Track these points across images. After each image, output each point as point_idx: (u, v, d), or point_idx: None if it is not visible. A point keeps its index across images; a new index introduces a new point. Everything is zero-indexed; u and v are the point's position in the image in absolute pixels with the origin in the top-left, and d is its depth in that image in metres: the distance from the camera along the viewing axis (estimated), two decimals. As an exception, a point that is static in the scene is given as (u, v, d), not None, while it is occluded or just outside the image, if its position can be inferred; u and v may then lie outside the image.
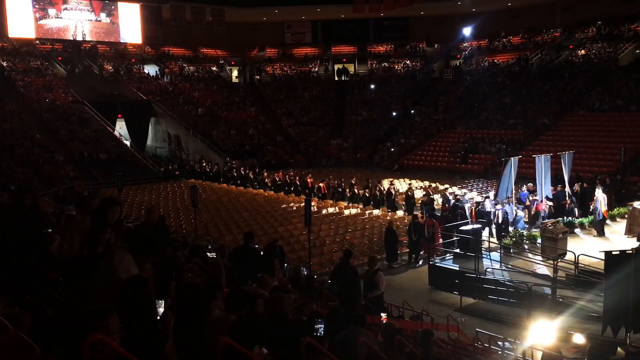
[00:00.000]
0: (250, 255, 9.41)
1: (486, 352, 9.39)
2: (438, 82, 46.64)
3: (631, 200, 18.90)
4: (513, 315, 11.95)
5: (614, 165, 26.53)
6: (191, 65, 50.51)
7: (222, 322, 4.36)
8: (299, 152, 41.07)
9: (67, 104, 38.09)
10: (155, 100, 41.96)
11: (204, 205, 22.81)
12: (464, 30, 49.51)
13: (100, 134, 35.95)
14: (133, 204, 24.18)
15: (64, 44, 46.19)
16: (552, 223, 15.76)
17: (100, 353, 2.86)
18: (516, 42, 47.07)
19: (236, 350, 3.49)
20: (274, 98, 47.60)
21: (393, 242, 16.42)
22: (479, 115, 39.06)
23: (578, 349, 8.71)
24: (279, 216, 21.31)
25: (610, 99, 33.73)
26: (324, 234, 18.40)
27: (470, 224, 16.02)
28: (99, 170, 31.61)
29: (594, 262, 12.12)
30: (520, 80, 40.68)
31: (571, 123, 33.68)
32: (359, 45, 54.08)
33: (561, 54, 42.13)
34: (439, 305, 13.03)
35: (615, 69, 36.63)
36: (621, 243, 16.12)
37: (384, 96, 46.37)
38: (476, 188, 27.47)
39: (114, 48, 48.94)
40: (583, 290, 11.82)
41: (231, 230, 18.92)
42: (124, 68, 46.59)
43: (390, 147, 40.08)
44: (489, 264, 14.17)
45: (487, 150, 34.31)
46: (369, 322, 8.32)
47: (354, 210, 22.33)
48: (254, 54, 54.53)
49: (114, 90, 41.16)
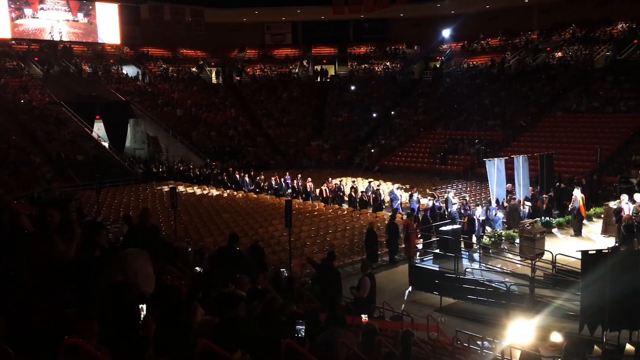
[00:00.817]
0: (233, 257, 9.36)
1: (466, 351, 9.44)
2: (418, 83, 46.92)
3: (607, 200, 19.21)
4: (492, 314, 12.05)
5: (591, 166, 26.91)
6: (170, 65, 50.14)
7: (207, 326, 4.32)
8: (279, 153, 41.00)
9: (43, 104, 37.57)
10: (134, 101, 41.59)
11: (184, 207, 22.64)
12: (443, 32, 49.92)
13: (78, 135, 35.51)
14: (112, 206, 23.94)
15: (41, 44, 45.56)
16: (530, 223, 15.94)
17: (77, 357, 2.82)
18: (494, 44, 47.57)
19: (216, 354, 3.46)
20: (254, 99, 47.47)
21: (373, 242, 16.45)
22: (458, 117, 39.37)
23: (556, 347, 8.82)
24: (259, 217, 21.23)
25: (586, 101, 34.22)
26: (305, 235, 18.37)
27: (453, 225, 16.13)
28: (77, 171, 31.21)
29: (571, 261, 12.27)
30: (498, 82, 41.10)
31: (549, 124, 34.10)
32: (339, 47, 54.17)
33: (538, 56, 42.66)
34: (419, 306, 13.08)
35: (592, 71, 37.18)
36: (598, 242, 16.37)
37: (364, 97, 46.52)
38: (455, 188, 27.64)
39: (91, 48, 48.39)
40: (560, 290, 11.96)
41: (211, 231, 18.80)
42: (102, 69, 46.08)
43: (371, 148, 40.21)
44: (469, 264, 14.27)
45: (466, 151, 34.59)
46: (349, 323, 8.33)
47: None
48: (234, 55, 54.35)
49: (92, 91, 40.69)
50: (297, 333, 4.77)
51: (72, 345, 2.79)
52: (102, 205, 23.65)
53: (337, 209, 23.21)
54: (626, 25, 40.38)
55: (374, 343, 6.02)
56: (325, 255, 11.52)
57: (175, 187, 20.51)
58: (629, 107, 31.83)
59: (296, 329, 4.82)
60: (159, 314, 4.08)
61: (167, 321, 4.03)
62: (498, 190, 19.69)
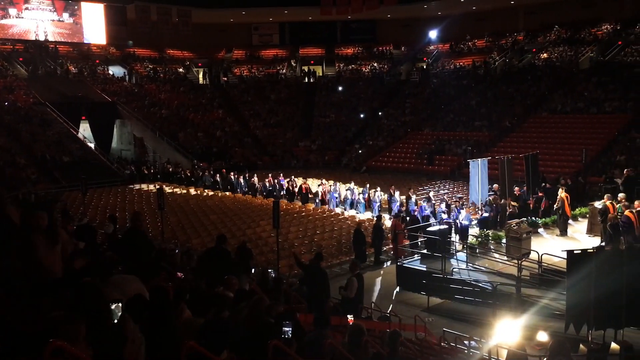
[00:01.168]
0: (222, 257, 9.34)
1: (453, 351, 9.49)
2: (405, 84, 47.06)
3: (592, 200, 19.38)
4: (479, 314, 12.12)
5: (576, 166, 27.14)
6: (157, 66, 49.87)
7: (190, 326, 4.31)
8: (267, 154, 40.93)
9: (28, 105, 37.19)
10: (120, 101, 41.32)
11: (171, 208, 22.51)
12: (430, 33, 50.16)
13: (63, 136, 35.20)
14: (98, 207, 23.75)
15: (26, 44, 45.12)
16: (516, 223, 16.05)
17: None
18: (481, 46, 47.87)
19: (202, 355, 3.45)
20: (241, 100, 47.35)
21: (361, 243, 16.49)
22: (445, 117, 39.55)
23: (542, 346, 8.88)
24: (247, 218, 21.18)
25: (571, 102, 34.52)
26: (293, 236, 18.36)
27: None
28: (62, 173, 30.94)
29: (556, 261, 12.35)
30: (485, 83, 41.34)
31: (534, 125, 34.35)
32: (326, 47, 54.23)
33: (524, 57, 42.97)
34: (406, 306, 13.14)
35: (577, 72, 37.52)
36: (583, 242, 16.51)
37: (352, 98, 46.58)
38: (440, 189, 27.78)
39: (77, 49, 48.01)
40: (546, 289, 12.05)
41: (198, 232, 18.73)
42: (88, 69, 45.73)
43: (358, 148, 40.28)
44: (456, 264, 14.33)
45: (453, 151, 34.75)
46: (337, 324, 8.34)
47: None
48: (221, 55, 54.18)
49: (78, 92, 40.34)
50: (284, 334, 4.77)
51: (57, 348, 2.76)
52: (88, 206, 23.46)
53: (329, 210, 23.22)
54: (611, 26, 40.85)
55: (361, 343, 6.03)
56: (313, 256, 11.52)
57: (162, 188, 20.37)
58: (613, 107, 32.16)
59: (283, 330, 4.82)
60: (147, 315, 4.06)
61: (155, 322, 4.02)
62: (482, 190, 19.78)
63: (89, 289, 3.62)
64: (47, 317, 3.27)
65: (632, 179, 20.48)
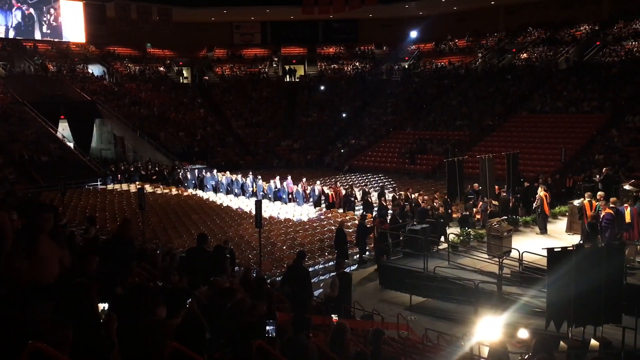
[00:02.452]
0: (203, 257, 9.27)
1: (435, 349, 9.53)
2: (387, 84, 47.20)
3: (571, 199, 19.63)
4: (461, 312, 12.19)
5: (555, 165, 27.46)
6: (138, 65, 49.41)
7: (160, 326, 4.25)
8: (249, 154, 40.79)
9: (6, 104, 36.62)
10: (100, 100, 40.86)
11: (152, 208, 22.34)
12: (412, 33, 50.40)
13: (42, 136, 34.70)
14: (77, 207, 23.47)
15: (3, 42, 44.42)
16: (497, 222, 16.19)
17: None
18: (462, 45, 48.20)
19: (185, 356, 3.42)
20: (223, 99, 47.12)
21: (343, 242, 16.47)
22: (426, 117, 39.76)
23: (523, 343, 8.95)
24: (228, 218, 21.09)
25: (551, 101, 34.93)
26: (275, 234, 18.31)
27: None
28: (41, 172, 30.50)
29: (537, 259, 12.48)
30: (466, 83, 41.63)
31: (514, 124, 34.69)
32: (308, 47, 54.18)
33: (504, 57, 43.37)
34: (389, 304, 13.17)
35: (556, 72, 37.96)
36: (563, 240, 16.71)
37: (334, 97, 46.62)
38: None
39: (56, 47, 47.38)
40: (527, 287, 12.16)
41: (180, 233, 18.60)
42: (67, 68, 45.15)
43: (341, 148, 40.32)
44: (437, 263, 14.39)
45: (435, 150, 34.95)
46: (320, 323, 8.33)
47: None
48: (203, 54, 53.88)
49: (57, 91, 39.80)
50: (268, 333, 4.75)
51: (36, 349, 2.71)
52: (68, 207, 23.18)
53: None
54: (589, 27, 41.38)
55: (344, 342, 6.03)
56: (295, 255, 11.52)
57: (142, 188, 20.19)
58: (592, 107, 32.61)
59: (266, 329, 4.80)
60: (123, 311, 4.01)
61: (132, 319, 3.97)
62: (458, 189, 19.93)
63: (79, 288, 3.55)
64: (33, 321, 3.20)
65: (610, 177, 20.78)
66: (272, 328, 4.77)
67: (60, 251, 4.65)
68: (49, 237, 4.56)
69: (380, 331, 6.53)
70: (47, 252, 4.43)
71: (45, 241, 4.47)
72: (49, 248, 4.47)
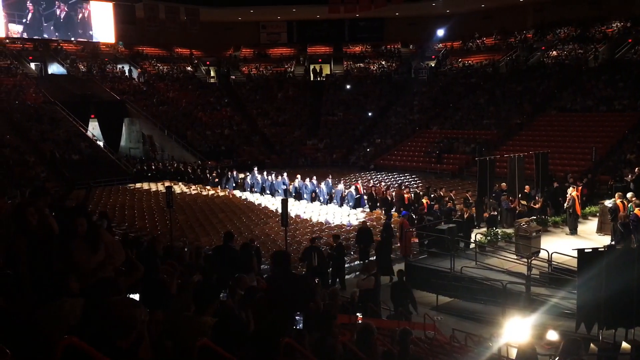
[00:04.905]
0: (229, 255, 9.34)
1: (463, 350, 9.45)
2: (413, 82, 46.89)
3: (602, 199, 19.28)
4: (488, 313, 12.07)
5: (586, 165, 26.99)
6: (166, 65, 50.00)
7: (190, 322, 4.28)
8: (275, 153, 40.96)
9: (38, 104, 37.40)
10: (129, 100, 41.45)
11: (179, 207, 22.59)
12: (438, 31, 50.01)
13: (72, 135, 35.37)
14: (107, 205, 23.84)
15: (35, 43, 45.35)
16: (526, 222, 15.98)
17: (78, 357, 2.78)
18: (489, 44, 47.64)
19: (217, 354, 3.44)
20: (249, 98, 47.38)
21: (366, 242, 16.37)
22: (453, 116, 39.41)
23: (552, 345, 8.83)
24: (255, 217, 21.21)
25: (581, 100, 34.31)
26: (300, 233, 18.36)
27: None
28: (71, 171, 31.10)
29: (567, 259, 12.30)
30: (493, 81, 41.15)
31: (543, 123, 34.16)
32: (334, 46, 54.14)
33: (533, 55, 42.74)
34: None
35: (586, 70, 37.28)
36: (593, 241, 16.43)
37: (360, 96, 46.51)
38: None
39: (86, 47, 48.20)
40: (556, 288, 11.99)
41: (207, 231, 18.77)
42: (97, 68, 45.90)
43: (366, 147, 40.22)
44: (464, 263, 14.27)
45: (461, 150, 34.63)
46: (346, 322, 8.32)
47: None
48: (229, 53, 54.25)
49: (87, 90, 40.50)
50: (296, 326, 4.76)
51: (70, 345, 2.75)
52: (97, 205, 23.56)
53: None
54: (621, 24, 40.53)
55: (371, 342, 6.01)
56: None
57: (171, 187, 20.43)
58: (623, 106, 31.94)
59: (295, 321, 4.81)
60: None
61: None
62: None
63: (110, 285, 3.59)
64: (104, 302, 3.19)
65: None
66: (300, 320, 4.79)
67: (96, 255, 4.61)
68: (84, 241, 4.54)
69: (407, 331, 6.50)
70: (81, 257, 4.45)
71: (79, 246, 4.48)
72: (83, 252, 4.49)
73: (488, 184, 19.34)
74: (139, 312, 2.99)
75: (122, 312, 2.95)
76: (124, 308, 2.99)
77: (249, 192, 27.18)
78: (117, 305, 3.02)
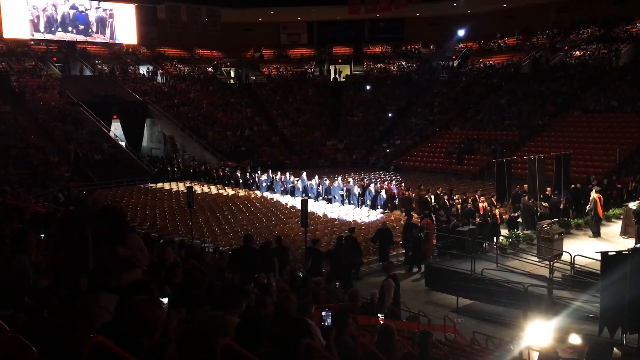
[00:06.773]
0: (250, 255, 9.43)
1: (483, 352, 9.39)
2: (433, 83, 46.66)
3: (626, 201, 18.99)
4: (509, 315, 11.96)
5: (609, 166, 26.62)
6: (187, 66, 50.40)
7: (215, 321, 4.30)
8: (295, 153, 41.06)
9: (62, 104, 37.95)
10: (151, 101, 41.88)
11: (200, 207, 22.76)
12: (459, 31, 49.70)
13: (95, 135, 35.84)
14: (129, 205, 24.11)
15: (59, 44, 46.04)
16: (548, 224, 15.81)
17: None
18: (511, 44, 47.20)
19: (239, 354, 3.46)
20: (269, 99, 47.55)
21: (386, 242, 16.32)
22: (474, 116, 39.13)
23: (574, 349, 8.73)
24: (274, 217, 21.28)
25: (605, 100, 33.84)
26: (320, 234, 18.36)
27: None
28: (94, 171, 31.53)
29: (590, 262, 12.15)
30: (515, 82, 40.76)
31: (566, 124, 33.76)
32: (354, 46, 54.12)
33: (556, 55, 42.26)
34: (435, 306, 13.04)
35: (610, 70, 36.75)
36: (616, 244, 16.19)
37: (380, 97, 46.40)
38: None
39: (109, 49, 48.81)
40: (579, 291, 11.84)
41: (227, 231, 18.88)
42: (119, 69, 46.43)
43: (386, 148, 40.11)
44: (485, 265, 14.17)
45: (482, 151, 34.37)
46: (366, 324, 8.32)
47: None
48: (250, 54, 54.50)
49: (109, 91, 41.01)
50: (324, 322, 4.78)
51: (97, 344, 2.79)
52: (119, 205, 23.82)
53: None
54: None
55: (391, 344, 6.00)
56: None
57: (191, 187, 20.58)
58: (648, 106, 31.44)
59: (322, 316, 4.84)
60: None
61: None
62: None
63: (142, 287, 3.63)
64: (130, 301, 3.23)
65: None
66: (328, 315, 4.81)
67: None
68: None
69: (428, 333, 6.47)
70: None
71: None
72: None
73: (506, 185, 19.14)
74: (160, 312, 3.03)
75: (144, 310, 3.00)
76: (145, 306, 3.03)
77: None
78: (139, 303, 3.07)
